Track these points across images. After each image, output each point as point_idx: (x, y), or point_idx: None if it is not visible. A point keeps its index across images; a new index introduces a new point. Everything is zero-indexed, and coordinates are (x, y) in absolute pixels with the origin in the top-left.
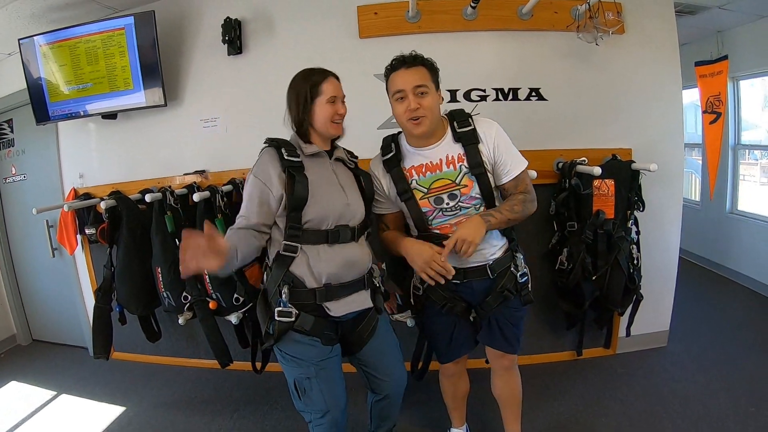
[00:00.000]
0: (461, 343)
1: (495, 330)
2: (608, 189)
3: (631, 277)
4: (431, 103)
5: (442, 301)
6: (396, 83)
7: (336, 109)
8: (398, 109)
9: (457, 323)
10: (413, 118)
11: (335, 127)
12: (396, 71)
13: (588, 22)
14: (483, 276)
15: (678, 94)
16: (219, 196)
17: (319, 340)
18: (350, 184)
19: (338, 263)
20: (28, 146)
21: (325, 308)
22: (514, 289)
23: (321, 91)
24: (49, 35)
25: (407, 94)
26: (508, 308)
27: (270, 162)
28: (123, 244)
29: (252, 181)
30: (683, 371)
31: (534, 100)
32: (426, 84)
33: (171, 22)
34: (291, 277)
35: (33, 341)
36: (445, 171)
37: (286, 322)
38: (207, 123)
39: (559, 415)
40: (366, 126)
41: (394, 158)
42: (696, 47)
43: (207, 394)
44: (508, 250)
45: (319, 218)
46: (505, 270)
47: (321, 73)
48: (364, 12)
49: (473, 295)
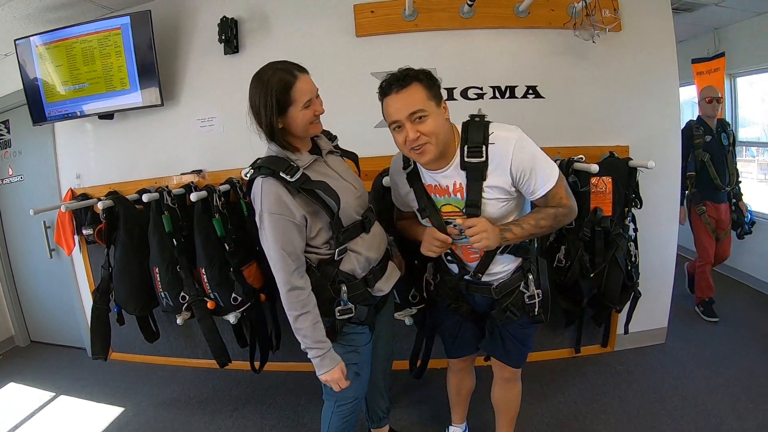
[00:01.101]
0: (465, 344)
1: (497, 340)
2: (606, 186)
3: (629, 274)
4: (433, 126)
5: (447, 299)
6: (390, 113)
7: (314, 110)
8: (398, 139)
9: (463, 324)
10: (414, 147)
11: (315, 127)
12: (388, 96)
13: (585, 19)
14: (486, 294)
15: (675, 91)
16: (216, 195)
17: (368, 327)
18: (349, 173)
19: (376, 246)
20: (24, 147)
21: (377, 290)
22: (519, 310)
23: (294, 97)
24: (45, 35)
25: (403, 123)
26: (514, 324)
27: (276, 192)
28: (120, 245)
29: (269, 219)
30: (681, 368)
31: (531, 98)
32: (422, 108)
33: (167, 21)
34: (344, 275)
35: (31, 342)
36: (453, 198)
37: (345, 318)
38: (204, 123)
39: (558, 413)
40: (362, 125)
41: (414, 172)
42: (693, 44)
43: (206, 394)
44: (518, 269)
45: (348, 218)
46: (513, 290)
47: (290, 73)
48: (361, 10)
49: (476, 305)
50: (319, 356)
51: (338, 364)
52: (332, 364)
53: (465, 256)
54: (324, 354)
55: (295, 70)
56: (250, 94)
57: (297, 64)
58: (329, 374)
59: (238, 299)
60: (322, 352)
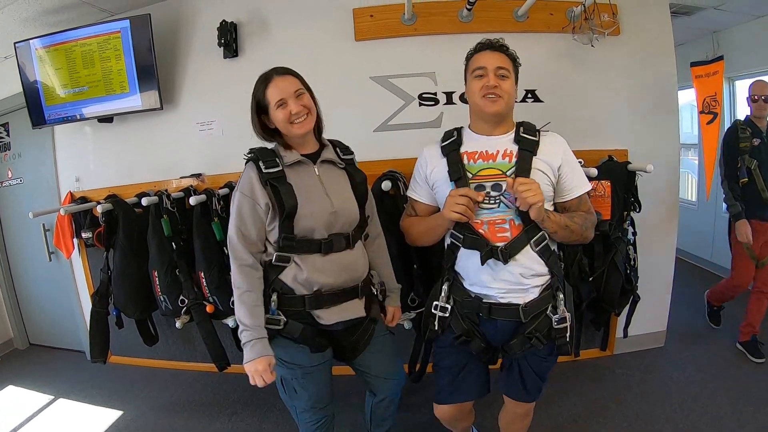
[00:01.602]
0: (465, 388)
1: (515, 378)
2: (605, 190)
3: (628, 277)
4: (509, 87)
5: (459, 329)
6: (478, 60)
7: (289, 110)
8: (474, 85)
9: (468, 363)
10: (490, 94)
11: (297, 127)
12: (479, 52)
13: (583, 23)
14: (512, 317)
15: (674, 94)
16: (215, 199)
17: (307, 347)
18: (339, 188)
19: (334, 272)
20: (24, 150)
21: (315, 316)
22: (546, 336)
23: (267, 100)
24: (45, 39)
25: (488, 72)
26: (536, 356)
27: (251, 176)
28: (120, 248)
29: (239, 197)
30: (681, 371)
31: (530, 102)
32: (508, 68)
33: (167, 25)
34: (280, 285)
35: (30, 345)
36: (499, 161)
37: (273, 329)
38: (203, 126)
39: (557, 417)
40: (363, 128)
41: (454, 143)
42: (692, 48)
43: (204, 398)
44: (548, 287)
45: (307, 229)
46: (541, 312)
47: (264, 80)
48: (360, 15)
49: (496, 334)
50: (249, 342)
51: (266, 356)
52: (258, 354)
53: (491, 234)
54: (254, 341)
55: (275, 73)
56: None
57: (284, 67)
58: (251, 364)
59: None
60: (252, 338)
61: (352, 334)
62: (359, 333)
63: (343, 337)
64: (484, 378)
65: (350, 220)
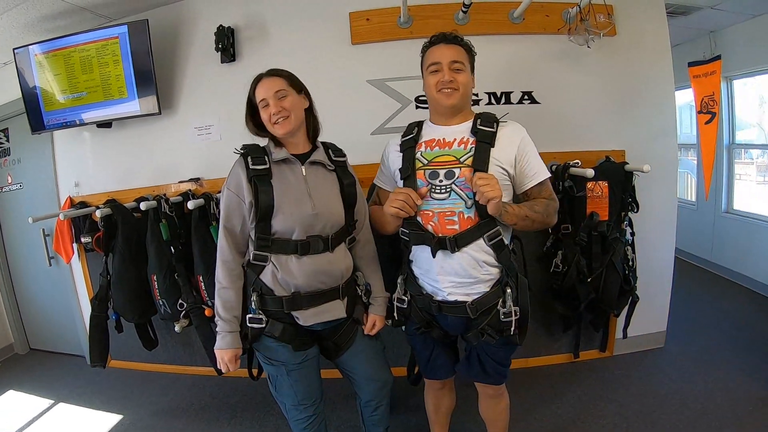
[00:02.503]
0: (439, 367)
1: (474, 364)
2: (602, 191)
3: (627, 278)
4: (465, 80)
5: (418, 322)
6: (433, 56)
7: (269, 112)
8: (431, 80)
9: (435, 347)
10: (445, 89)
11: (277, 127)
12: (434, 45)
13: (579, 24)
14: (460, 314)
15: (671, 94)
16: (213, 203)
17: (290, 345)
18: (324, 190)
19: (308, 274)
20: (23, 155)
21: (294, 317)
22: (497, 331)
23: (255, 100)
24: (44, 44)
25: (443, 67)
26: (491, 345)
27: (238, 172)
28: (119, 253)
29: (226, 194)
30: (681, 372)
31: (527, 104)
32: (462, 61)
33: (164, 30)
34: (260, 285)
35: (30, 350)
36: (455, 149)
37: (256, 328)
38: (201, 131)
39: (557, 418)
40: (359, 132)
41: (412, 139)
42: (689, 47)
43: (204, 401)
44: (497, 283)
45: (284, 229)
46: (489, 308)
47: (255, 80)
48: (356, 18)
49: (449, 327)
50: (222, 332)
51: (233, 348)
52: (227, 345)
53: (441, 226)
54: (225, 333)
55: (265, 73)
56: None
57: (276, 69)
58: (220, 352)
59: None
60: (224, 330)
61: (334, 334)
62: (341, 334)
63: (325, 336)
64: (453, 358)
65: (332, 223)
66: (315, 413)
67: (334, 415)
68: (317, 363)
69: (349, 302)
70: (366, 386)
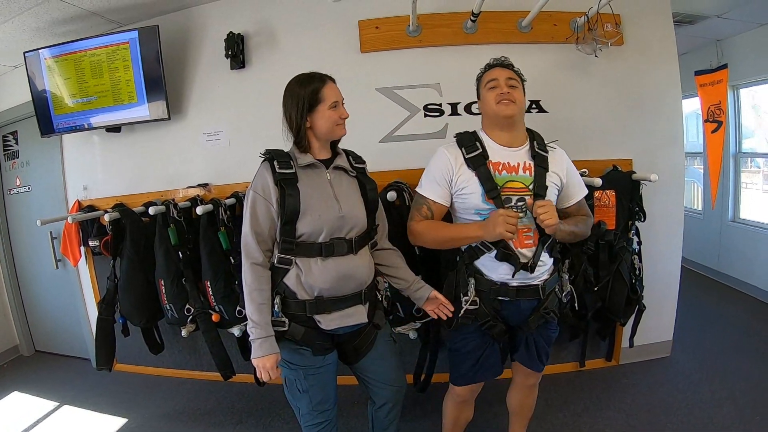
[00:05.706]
0: (486, 368)
1: (532, 350)
2: (609, 200)
3: (633, 287)
4: (519, 96)
5: (484, 317)
6: (491, 75)
7: (340, 114)
8: (489, 95)
9: (489, 346)
10: (504, 100)
11: (340, 128)
12: (491, 68)
13: (587, 34)
14: (534, 296)
15: (678, 103)
16: (222, 209)
17: (310, 349)
18: (349, 194)
19: (332, 277)
20: (32, 158)
21: (316, 321)
22: (557, 311)
23: (322, 97)
24: (55, 48)
25: (500, 83)
26: (546, 329)
27: (265, 176)
28: (126, 257)
29: (252, 196)
30: (687, 381)
31: (534, 113)
32: (517, 80)
33: (175, 36)
34: (283, 288)
35: (36, 352)
36: (521, 175)
37: (278, 331)
38: (210, 136)
39: (563, 427)
40: (368, 139)
41: (481, 156)
42: (696, 56)
43: (209, 406)
44: (554, 271)
45: (311, 231)
46: (552, 291)
47: (320, 79)
48: (366, 26)
49: (518, 315)
50: (258, 339)
51: (273, 354)
52: (266, 352)
53: (520, 241)
54: (262, 339)
55: (325, 76)
56: (285, 95)
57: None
58: (260, 360)
59: (242, 312)
60: (260, 336)
61: (354, 338)
62: (361, 338)
63: (345, 340)
64: (501, 358)
65: (357, 226)
66: (328, 419)
67: (341, 422)
68: (335, 369)
69: (370, 307)
70: (383, 390)
